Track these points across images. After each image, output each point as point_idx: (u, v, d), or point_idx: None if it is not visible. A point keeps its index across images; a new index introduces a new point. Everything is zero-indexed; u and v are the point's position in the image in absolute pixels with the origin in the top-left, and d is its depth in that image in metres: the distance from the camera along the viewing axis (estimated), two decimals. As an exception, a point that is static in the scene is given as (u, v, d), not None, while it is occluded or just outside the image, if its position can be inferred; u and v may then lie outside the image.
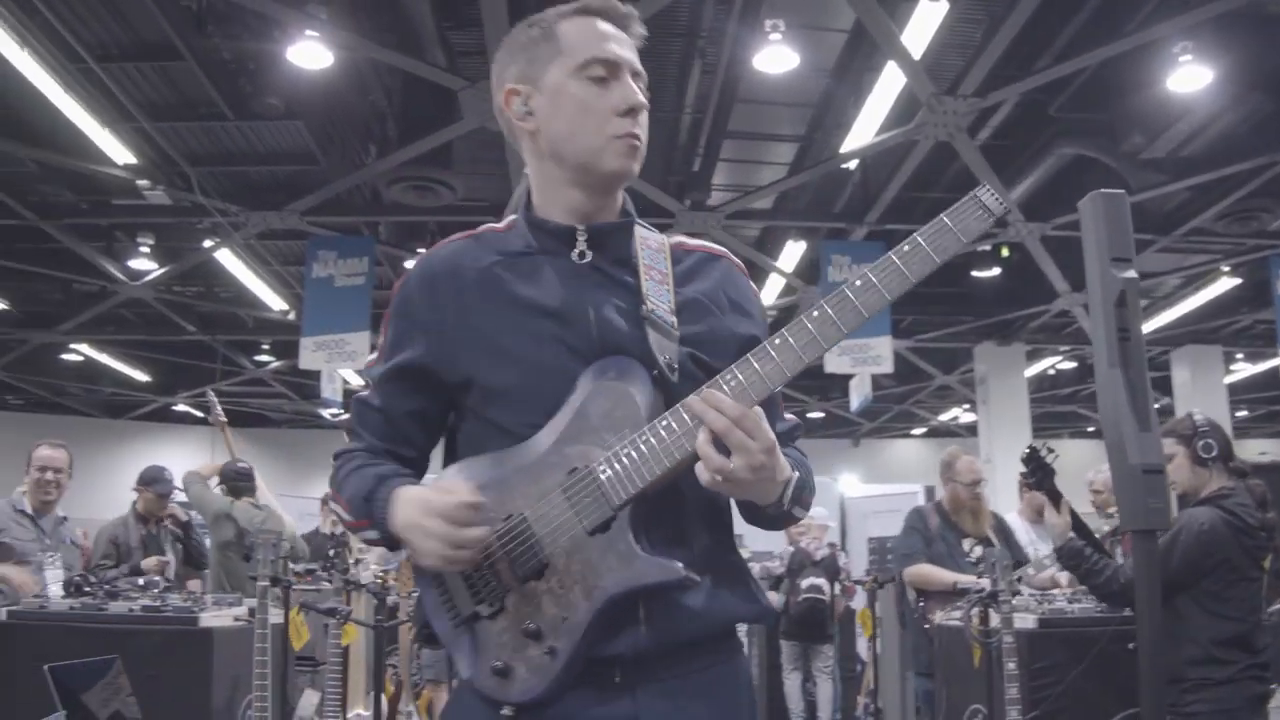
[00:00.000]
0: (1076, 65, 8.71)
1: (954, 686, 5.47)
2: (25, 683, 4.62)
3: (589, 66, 1.87)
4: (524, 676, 1.74)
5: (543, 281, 1.88)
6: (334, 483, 1.98)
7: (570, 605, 1.73)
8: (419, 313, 1.93)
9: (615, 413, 1.77)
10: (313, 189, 11.23)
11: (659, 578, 1.72)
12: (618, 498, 1.73)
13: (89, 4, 8.73)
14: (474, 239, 2.00)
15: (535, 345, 1.84)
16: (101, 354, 19.07)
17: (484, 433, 1.88)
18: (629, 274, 1.91)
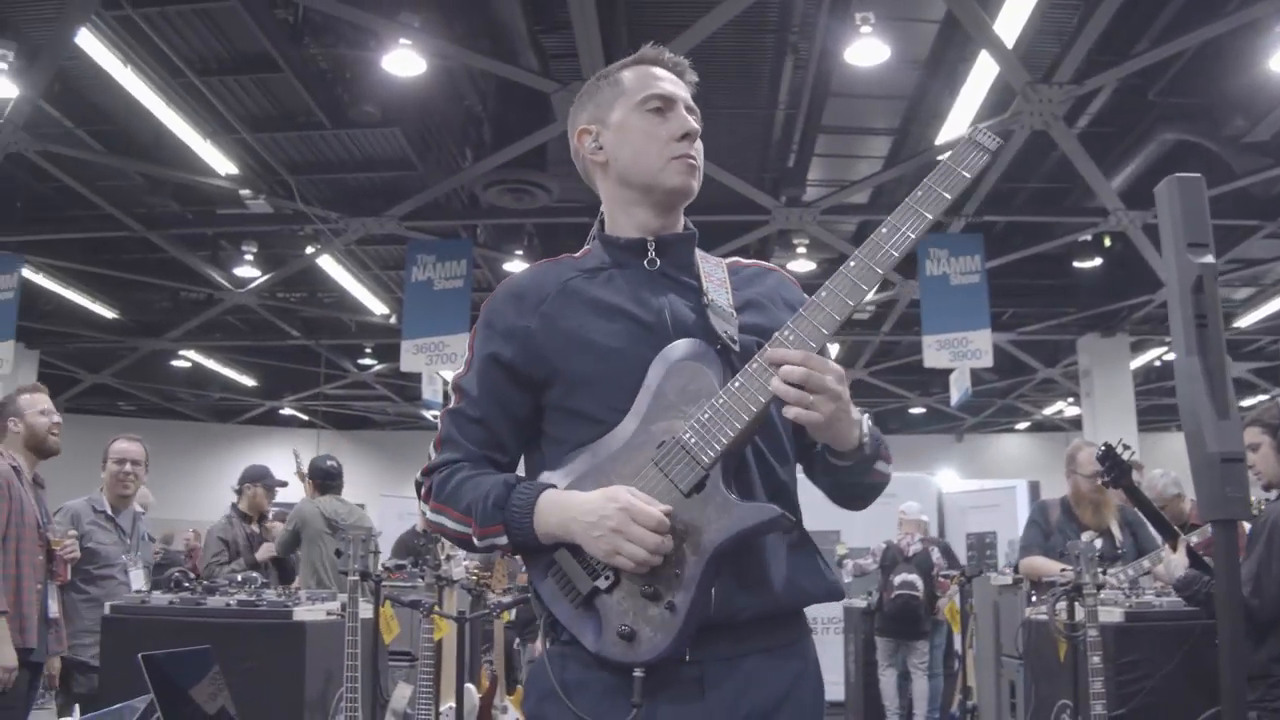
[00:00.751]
0: (1175, 48, 8.52)
1: (1043, 681, 5.40)
2: (126, 676, 4.77)
3: (648, 101, 2.12)
4: (649, 635, 1.84)
5: (618, 287, 2.08)
6: (438, 496, 2.05)
7: (681, 561, 1.84)
8: (505, 321, 2.09)
9: (690, 387, 1.91)
10: (410, 194, 11.41)
11: (757, 518, 1.84)
12: (707, 456, 1.84)
13: (188, 20, 8.97)
14: (553, 262, 2.20)
15: (615, 337, 2.01)
16: (209, 360, 19.53)
17: (569, 422, 2.03)
18: (692, 278, 2.12)
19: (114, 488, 5.89)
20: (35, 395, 5.21)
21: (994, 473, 22.27)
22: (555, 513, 1.91)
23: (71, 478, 5.64)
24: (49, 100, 9.81)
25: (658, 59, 2.19)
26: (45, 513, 5.09)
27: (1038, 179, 12.08)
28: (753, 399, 1.84)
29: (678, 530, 1.84)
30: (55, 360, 18.40)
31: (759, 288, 2.19)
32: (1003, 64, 8.48)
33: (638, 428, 1.93)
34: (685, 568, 1.83)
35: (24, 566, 4.76)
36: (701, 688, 1.89)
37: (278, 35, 9.06)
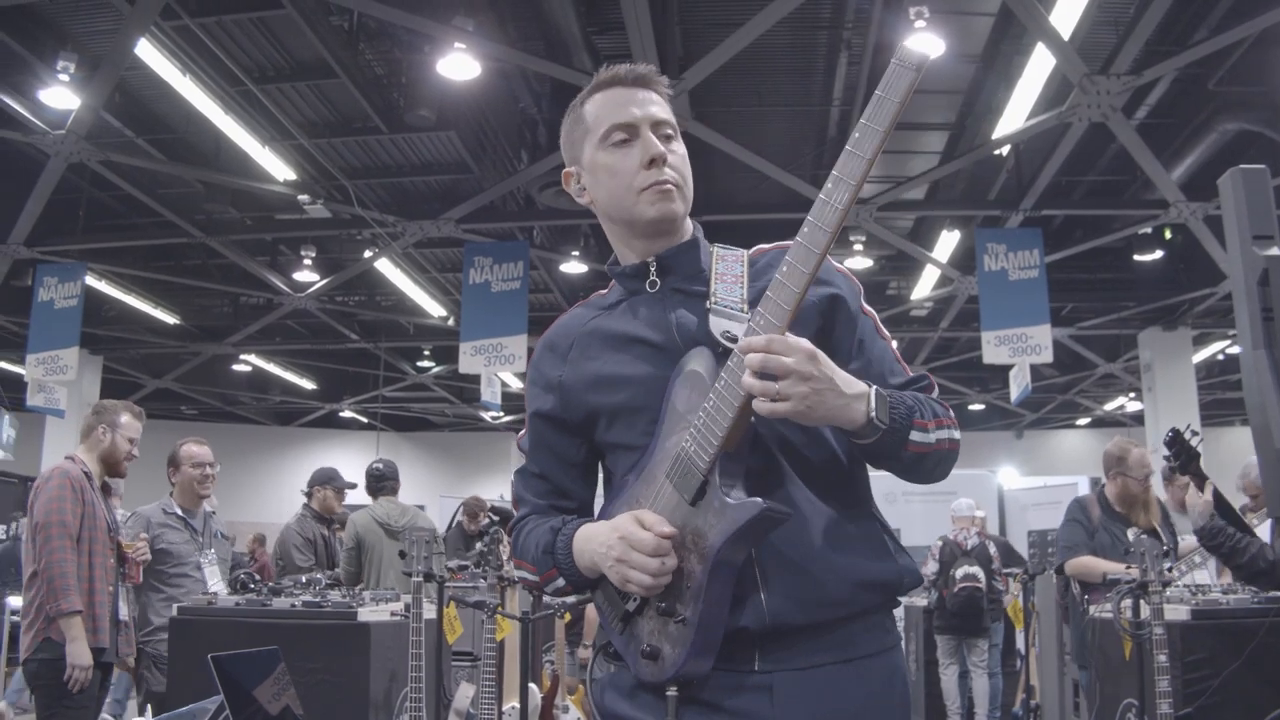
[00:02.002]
0: (1235, 36, 8.38)
1: (1108, 680, 5.34)
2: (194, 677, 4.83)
3: (609, 135, 2.06)
4: (669, 652, 1.84)
5: (633, 316, 2.09)
6: (516, 552, 2.15)
7: (689, 573, 1.82)
8: (543, 376, 2.15)
9: (693, 396, 1.88)
10: (467, 197, 11.48)
11: (746, 516, 1.76)
12: (703, 461, 1.81)
13: (245, 29, 9.08)
14: (583, 305, 2.24)
15: (633, 365, 2.02)
16: (269, 364, 19.73)
17: (616, 454, 2.08)
18: (700, 284, 2.06)
19: (193, 490, 5.96)
20: (134, 421, 5.35)
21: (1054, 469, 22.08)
22: (583, 549, 1.96)
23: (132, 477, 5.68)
24: (110, 110, 9.96)
25: (615, 79, 2.12)
26: (115, 517, 5.18)
27: (1096, 172, 11.97)
28: (734, 393, 1.79)
29: (688, 541, 1.83)
30: (118, 366, 18.67)
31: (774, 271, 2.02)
32: (1059, 56, 8.39)
33: (658, 446, 1.93)
34: (694, 579, 1.82)
35: (96, 569, 4.87)
36: (771, 698, 1.86)
37: (333, 42, 9.14)
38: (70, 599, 4.66)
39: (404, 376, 20.22)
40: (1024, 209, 11.59)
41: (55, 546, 4.71)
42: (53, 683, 4.65)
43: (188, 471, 5.94)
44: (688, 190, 2.09)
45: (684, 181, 2.07)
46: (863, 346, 2.06)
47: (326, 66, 9.35)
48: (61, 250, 12.67)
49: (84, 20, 9.18)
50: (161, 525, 5.73)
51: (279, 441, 23.97)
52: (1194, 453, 4.75)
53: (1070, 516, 6.46)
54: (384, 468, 7.62)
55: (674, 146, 2.08)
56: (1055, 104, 9.29)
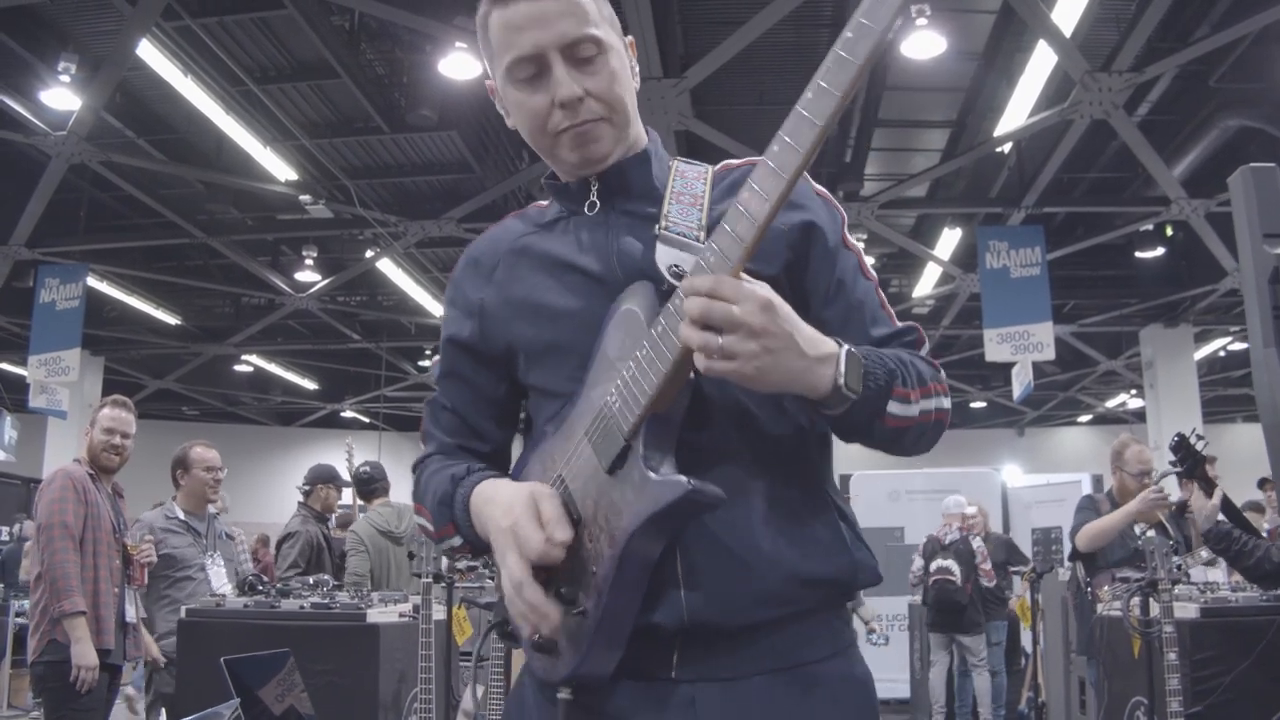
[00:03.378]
0: (1237, 33, 8.38)
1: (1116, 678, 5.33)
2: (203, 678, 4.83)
3: (514, 69, 1.69)
4: (564, 648, 1.53)
5: (572, 238, 1.75)
6: (416, 496, 1.85)
7: (597, 557, 1.50)
8: (463, 296, 1.84)
9: (627, 341, 1.54)
10: (469, 196, 11.48)
11: (666, 499, 1.43)
12: (626, 423, 1.48)
13: (247, 29, 9.07)
14: (518, 217, 1.89)
15: (566, 296, 1.70)
16: (271, 364, 19.74)
17: (536, 402, 1.78)
18: (651, 205, 1.70)
19: (202, 493, 5.90)
20: (110, 411, 5.22)
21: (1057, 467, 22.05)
22: (481, 513, 1.65)
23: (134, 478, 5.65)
24: (111, 111, 9.97)
25: None
26: (122, 519, 5.16)
27: (1098, 169, 11.96)
28: (671, 343, 1.43)
29: (599, 517, 1.51)
30: (120, 366, 18.66)
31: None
32: (1061, 53, 8.39)
33: (582, 395, 1.60)
34: (601, 564, 1.48)
35: (100, 570, 4.86)
36: (693, 713, 1.54)
37: (335, 42, 9.13)
38: (73, 600, 4.65)
39: (406, 376, 20.22)
40: (1025, 206, 11.59)
41: (57, 548, 4.70)
42: (59, 685, 4.63)
43: (199, 475, 5.88)
44: (620, 116, 1.71)
45: (612, 109, 1.70)
46: (841, 288, 1.69)
47: (328, 66, 9.34)
48: (63, 251, 12.67)
49: (85, 21, 9.18)
50: (164, 531, 5.71)
51: (281, 442, 23.95)
52: (1199, 457, 4.74)
53: (1080, 507, 6.46)
54: (372, 470, 7.53)
55: (597, 66, 1.68)
56: (1057, 101, 9.28)
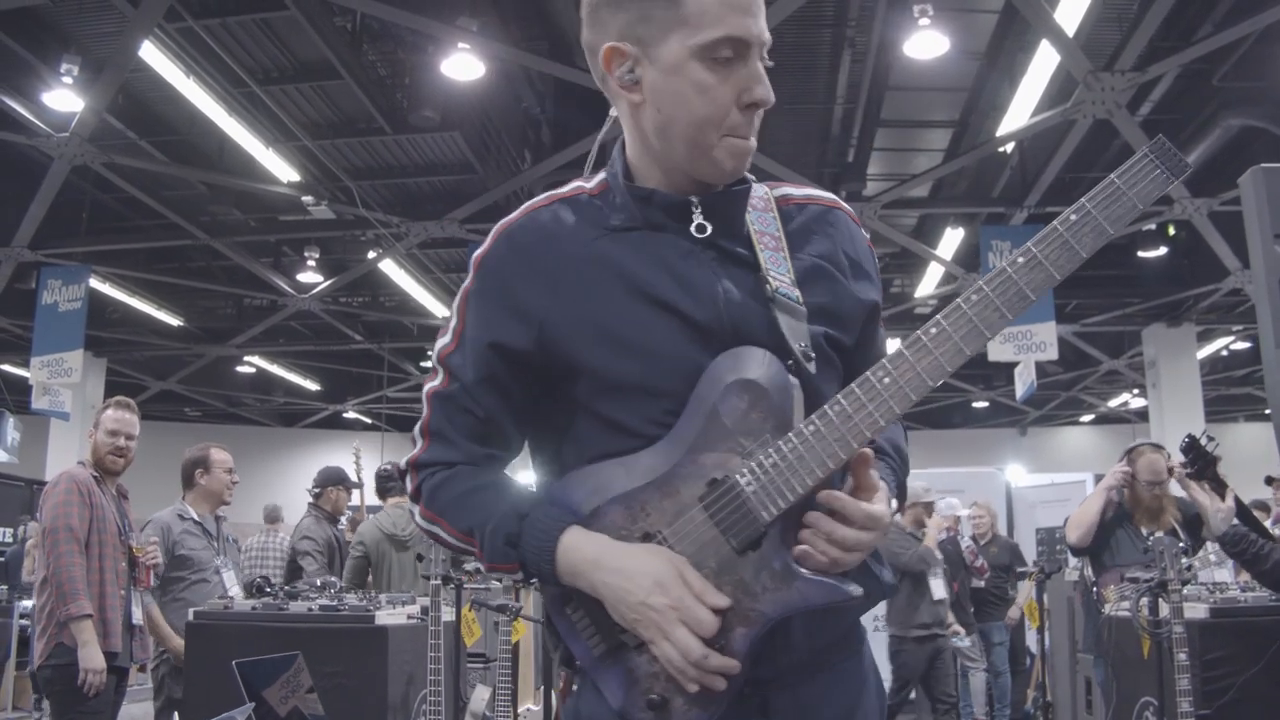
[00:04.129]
0: (1240, 33, 8.38)
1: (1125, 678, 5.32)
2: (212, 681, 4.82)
3: (716, 48, 1.55)
4: (683, 708, 1.54)
5: (659, 260, 1.61)
6: (431, 503, 1.69)
7: (727, 631, 1.52)
8: (513, 291, 1.64)
9: (752, 414, 1.53)
10: (471, 197, 11.47)
11: (827, 599, 1.52)
12: (767, 513, 1.50)
13: (249, 30, 9.08)
14: (566, 204, 1.71)
15: (657, 333, 1.58)
16: (273, 365, 19.73)
17: (598, 431, 1.63)
18: (742, 245, 1.65)
19: (221, 495, 5.88)
20: (113, 412, 5.18)
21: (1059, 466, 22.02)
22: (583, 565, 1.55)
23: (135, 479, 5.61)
24: (113, 113, 9.97)
25: None
26: (127, 521, 5.15)
27: (1100, 168, 11.92)
28: (831, 453, 1.49)
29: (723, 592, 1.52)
30: (122, 368, 18.66)
31: (821, 243, 1.71)
32: (1064, 53, 8.39)
33: (685, 454, 1.54)
34: (731, 639, 1.51)
35: (106, 572, 4.84)
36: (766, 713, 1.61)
37: (337, 43, 9.13)
38: (79, 603, 4.63)
39: (408, 377, 20.21)
40: (1028, 206, 11.60)
41: (63, 551, 4.69)
42: (66, 688, 4.62)
43: (221, 476, 5.86)
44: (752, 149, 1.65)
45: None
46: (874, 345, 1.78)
47: (330, 67, 9.34)
48: (65, 253, 12.66)
49: (87, 23, 9.19)
50: (182, 532, 5.69)
51: (283, 443, 23.95)
52: (1211, 458, 4.74)
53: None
54: (391, 469, 7.54)
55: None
56: (1059, 101, 9.28)
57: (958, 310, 1.46)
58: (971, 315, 1.45)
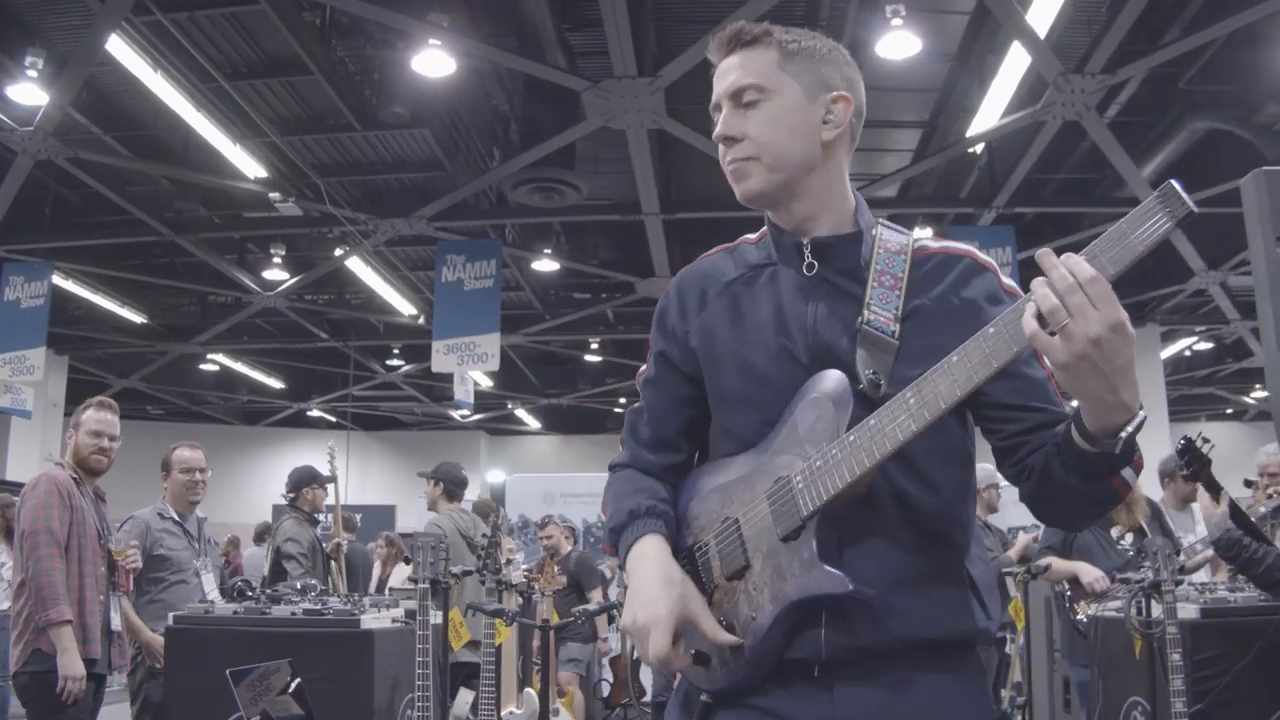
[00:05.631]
0: (1207, 37, 8.44)
1: (1111, 678, 5.35)
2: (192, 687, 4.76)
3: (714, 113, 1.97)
4: (716, 667, 1.83)
5: (774, 294, 1.93)
6: (607, 493, 2.09)
7: (759, 606, 1.79)
8: (669, 321, 2.05)
9: (817, 425, 1.78)
10: (439, 194, 11.40)
11: (828, 589, 1.71)
12: (806, 508, 1.74)
13: (218, 24, 8.99)
14: (727, 252, 2.07)
15: (761, 355, 1.89)
16: (237, 363, 19.60)
17: (720, 434, 1.99)
18: (856, 284, 1.88)
19: (184, 496, 5.81)
20: (95, 413, 5.10)
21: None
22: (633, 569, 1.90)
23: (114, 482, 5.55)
24: (77, 107, 9.84)
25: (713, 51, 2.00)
26: (106, 524, 5.07)
27: (1067, 169, 12.01)
28: (859, 460, 1.68)
29: (766, 572, 1.79)
30: (84, 366, 18.50)
31: (936, 289, 1.88)
32: (1035, 55, 8.41)
33: (769, 454, 1.84)
34: (760, 614, 1.78)
35: (86, 577, 4.76)
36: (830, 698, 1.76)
37: (306, 38, 9.06)
38: (59, 609, 4.54)
39: (373, 375, 20.12)
40: (996, 206, 11.65)
41: (42, 555, 4.59)
42: (44, 696, 4.52)
43: (177, 477, 5.77)
44: (771, 156, 1.88)
45: (762, 149, 1.89)
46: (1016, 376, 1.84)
47: (299, 63, 9.27)
48: (28, 249, 12.54)
49: (53, 16, 9.07)
50: (160, 530, 5.61)
51: (246, 441, 23.81)
52: (1205, 459, 4.76)
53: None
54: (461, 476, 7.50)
55: (758, 110, 1.89)
56: (1029, 103, 9.31)
57: (976, 341, 1.61)
58: (985, 348, 1.60)
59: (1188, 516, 6.68)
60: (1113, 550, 6.07)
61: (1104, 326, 1.48)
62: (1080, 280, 1.49)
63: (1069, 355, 1.49)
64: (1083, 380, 1.53)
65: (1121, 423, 1.57)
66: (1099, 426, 1.59)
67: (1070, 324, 1.48)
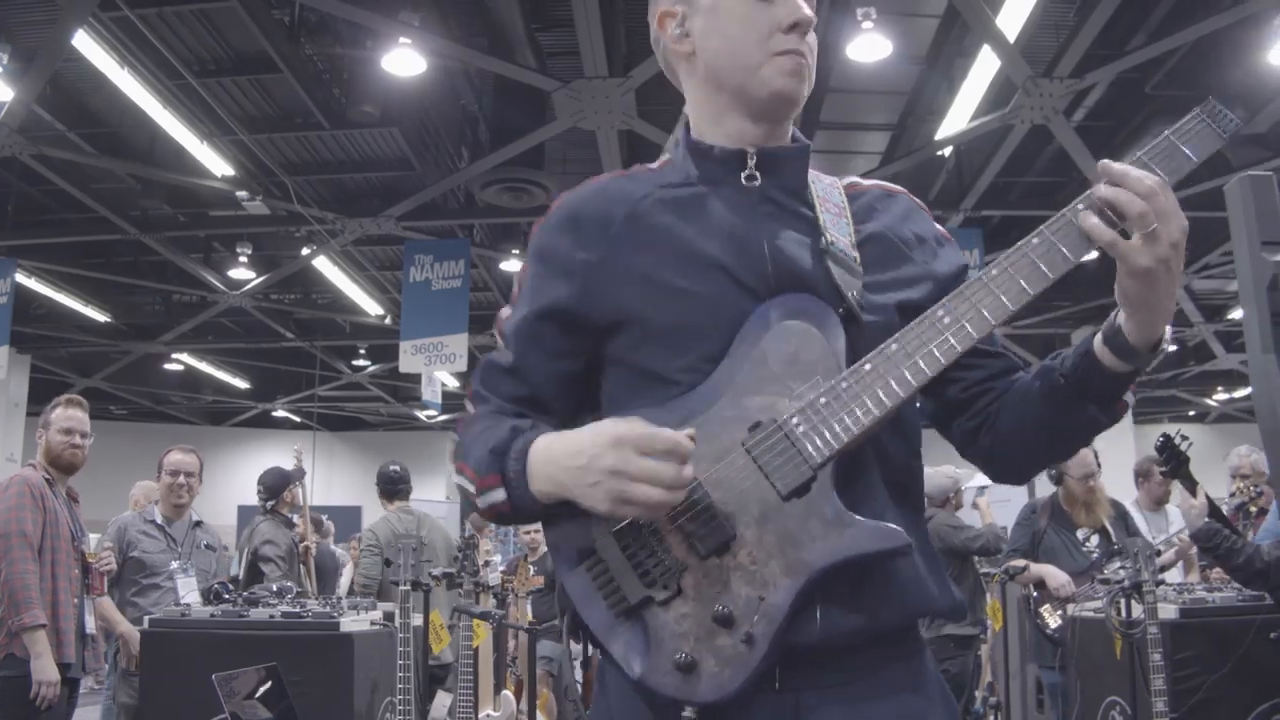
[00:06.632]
0: (1173, 43, 8.51)
1: (1089, 678, 5.38)
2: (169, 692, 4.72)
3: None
4: (713, 671, 1.44)
5: (708, 211, 1.65)
6: (459, 454, 1.68)
7: (766, 583, 1.44)
8: (561, 253, 1.67)
9: (801, 356, 1.51)
10: (408, 194, 11.34)
11: (877, 545, 1.45)
12: (819, 454, 1.46)
13: (186, 21, 8.92)
14: (624, 177, 1.76)
15: (699, 278, 1.59)
16: (202, 363, 19.45)
17: (636, 382, 1.62)
18: (804, 205, 1.68)
19: (168, 499, 5.86)
20: (65, 411, 5.10)
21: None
22: (544, 462, 1.52)
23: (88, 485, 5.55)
24: (42, 103, 9.72)
25: None
26: (79, 526, 5.02)
27: (1033, 173, 12.08)
28: (889, 389, 1.45)
29: (767, 542, 1.44)
30: (46, 365, 18.31)
31: (882, 219, 1.74)
32: (1004, 59, 8.45)
33: (727, 397, 1.51)
34: (772, 591, 1.44)
35: (59, 580, 4.72)
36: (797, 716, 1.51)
37: (275, 35, 9.00)
38: (33, 612, 4.50)
39: (339, 375, 20.01)
40: (964, 209, 11.70)
41: (16, 557, 4.55)
42: (18, 700, 4.47)
43: (164, 480, 5.85)
44: (812, 80, 1.70)
45: (814, 56, 1.69)
46: None
47: (268, 60, 9.21)
48: (-10, 246, 12.39)
49: (18, 11, 8.95)
50: (138, 533, 5.60)
51: (210, 442, 23.54)
52: (1184, 457, 4.80)
53: (1019, 519, 6.53)
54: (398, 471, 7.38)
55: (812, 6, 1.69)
56: (998, 106, 9.36)
57: (1020, 252, 1.49)
58: (1034, 258, 1.48)
59: (1161, 517, 6.74)
60: (1078, 552, 6.13)
61: (1181, 231, 1.45)
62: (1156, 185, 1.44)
63: (1152, 260, 1.44)
64: (1157, 286, 1.47)
65: (1163, 332, 1.52)
66: (1147, 337, 1.51)
67: (1159, 228, 1.43)
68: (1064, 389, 1.60)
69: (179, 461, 5.92)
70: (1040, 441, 1.67)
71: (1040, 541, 6.28)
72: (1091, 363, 1.57)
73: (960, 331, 1.48)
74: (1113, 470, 6.93)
